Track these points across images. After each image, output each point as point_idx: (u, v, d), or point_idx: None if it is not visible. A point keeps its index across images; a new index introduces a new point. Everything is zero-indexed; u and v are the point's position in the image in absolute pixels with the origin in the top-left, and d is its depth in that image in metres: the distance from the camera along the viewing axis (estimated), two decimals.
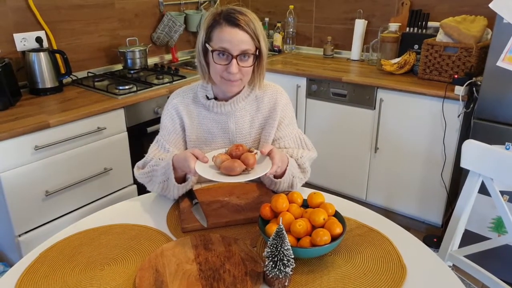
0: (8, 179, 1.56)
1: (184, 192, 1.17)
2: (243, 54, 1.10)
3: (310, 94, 2.46)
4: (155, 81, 2.22)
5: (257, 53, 1.13)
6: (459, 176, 2.14)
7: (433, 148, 2.11)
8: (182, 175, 1.14)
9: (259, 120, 1.26)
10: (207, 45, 1.13)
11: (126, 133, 1.96)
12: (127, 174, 2.01)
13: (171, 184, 1.11)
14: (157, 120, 2.07)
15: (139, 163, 1.23)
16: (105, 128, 1.85)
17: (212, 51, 1.11)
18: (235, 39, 1.08)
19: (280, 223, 0.82)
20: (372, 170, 2.39)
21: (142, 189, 1.22)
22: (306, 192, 1.11)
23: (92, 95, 1.98)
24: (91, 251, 0.98)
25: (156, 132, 1.27)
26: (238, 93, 1.22)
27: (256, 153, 1.04)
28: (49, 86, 1.99)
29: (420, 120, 2.10)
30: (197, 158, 1.03)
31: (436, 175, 2.15)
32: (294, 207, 1.00)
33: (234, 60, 1.09)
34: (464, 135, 2.02)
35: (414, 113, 2.11)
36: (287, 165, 1.11)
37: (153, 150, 1.24)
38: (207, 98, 1.24)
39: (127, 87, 2.06)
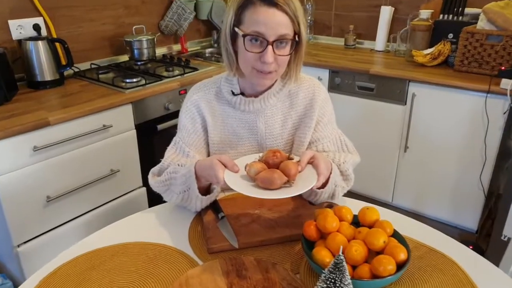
0: (5, 183, 1.42)
1: (207, 204, 1.02)
2: (281, 40, 0.94)
3: (333, 87, 2.30)
4: (165, 74, 2.07)
5: (296, 39, 0.97)
6: (497, 177, 1.98)
7: (471, 147, 1.95)
8: (206, 185, 0.99)
9: (292, 119, 1.11)
10: (236, 29, 0.96)
11: (135, 131, 1.82)
12: (135, 176, 1.86)
13: (194, 195, 0.96)
14: (168, 117, 1.92)
15: (154, 170, 1.08)
16: (111, 126, 1.71)
17: (244, 35, 0.94)
18: (271, 21, 0.91)
19: (340, 253, 0.67)
20: (401, 170, 2.23)
21: (151, 192, 1.07)
22: (347, 204, 0.96)
23: (96, 89, 1.83)
24: (102, 277, 0.83)
25: (167, 130, 1.13)
26: (270, 87, 1.07)
27: (298, 161, 0.89)
28: (48, 79, 1.84)
29: (457, 116, 1.94)
30: (225, 167, 0.88)
31: (474, 177, 1.99)
32: (344, 227, 0.85)
33: (269, 47, 0.93)
34: (507, 133, 1.86)
35: (451, 109, 1.95)
36: (331, 173, 0.96)
37: (171, 154, 1.09)
38: (233, 93, 1.08)
39: (134, 80, 1.91)
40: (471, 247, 0.86)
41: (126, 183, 1.83)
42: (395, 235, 0.85)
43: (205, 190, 1.00)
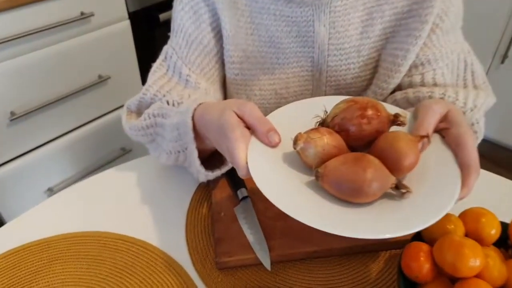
0: None
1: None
2: None
3: None
4: None
5: None
6: None
7: None
8: (212, 148, 0.55)
9: (383, 20, 0.61)
10: None
11: (128, 21, 1.33)
12: (132, 84, 1.43)
13: (193, 164, 0.54)
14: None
15: (130, 103, 0.65)
16: (93, 15, 1.22)
17: None
18: None
19: None
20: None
21: None
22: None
23: None
24: None
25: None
26: None
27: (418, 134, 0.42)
28: None
29: None
30: (251, 131, 0.43)
31: None
32: (492, 265, 0.42)
33: None
34: None
35: None
36: None
37: (158, 78, 0.64)
38: None
39: None
40: None
41: (119, 93, 1.40)
42: None
43: (209, 155, 0.58)
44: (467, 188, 0.39)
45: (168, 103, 0.58)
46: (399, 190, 0.38)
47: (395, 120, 0.42)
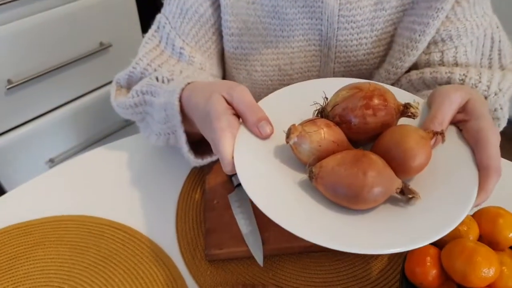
0: None
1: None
2: None
3: None
4: None
5: None
6: None
7: None
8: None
9: None
10: None
11: None
12: (134, 53, 1.37)
13: (182, 149, 0.50)
14: None
15: (120, 77, 0.61)
16: None
17: None
18: None
19: None
20: None
21: None
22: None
23: None
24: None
25: None
26: None
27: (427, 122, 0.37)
28: None
29: None
30: (242, 120, 0.39)
31: None
32: (508, 274, 0.38)
33: None
34: None
35: None
36: None
37: (149, 50, 0.59)
38: None
39: None
40: None
41: (121, 63, 1.35)
42: None
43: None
44: (485, 193, 0.34)
45: (157, 79, 0.53)
46: (404, 191, 0.33)
47: (405, 111, 0.37)
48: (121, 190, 0.57)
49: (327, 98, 0.39)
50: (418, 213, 0.33)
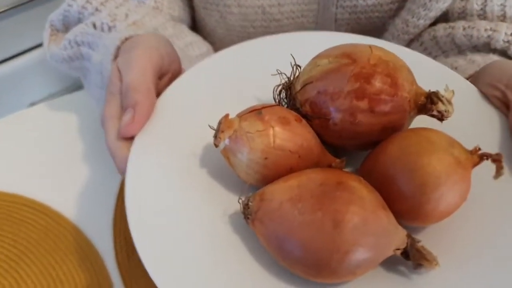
0: None
1: None
2: None
3: None
4: None
5: None
6: None
7: None
8: None
9: None
10: None
11: None
12: None
13: None
14: None
15: (53, 18, 0.47)
16: None
17: None
18: None
19: None
20: None
21: None
22: None
23: None
24: None
25: None
26: None
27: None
28: None
29: None
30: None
31: None
32: None
33: None
34: None
35: None
36: None
37: None
38: None
39: None
40: None
41: None
42: None
43: None
44: None
45: (94, 26, 0.41)
46: (411, 259, 0.19)
47: (427, 106, 0.21)
48: (53, 162, 0.47)
49: (298, 67, 0.26)
50: None
